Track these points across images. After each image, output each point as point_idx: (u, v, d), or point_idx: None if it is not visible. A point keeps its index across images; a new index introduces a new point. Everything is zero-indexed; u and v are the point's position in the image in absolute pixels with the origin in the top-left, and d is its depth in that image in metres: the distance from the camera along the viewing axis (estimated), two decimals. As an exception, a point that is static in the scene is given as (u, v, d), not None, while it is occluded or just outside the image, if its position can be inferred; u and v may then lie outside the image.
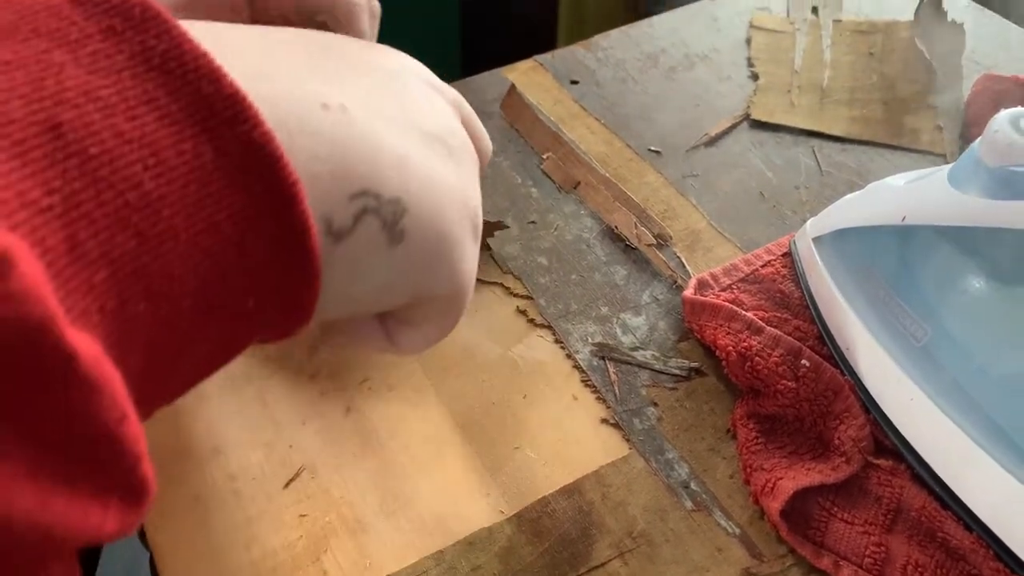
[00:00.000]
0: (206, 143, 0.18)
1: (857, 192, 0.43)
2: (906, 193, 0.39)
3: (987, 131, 0.35)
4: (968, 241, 0.36)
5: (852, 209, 0.42)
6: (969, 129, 0.55)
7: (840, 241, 0.42)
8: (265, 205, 0.19)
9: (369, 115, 0.23)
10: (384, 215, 0.23)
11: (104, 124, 0.16)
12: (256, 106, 0.18)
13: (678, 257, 0.49)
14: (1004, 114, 0.35)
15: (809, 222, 0.45)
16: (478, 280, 0.47)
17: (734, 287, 0.46)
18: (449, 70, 1.68)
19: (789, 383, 0.39)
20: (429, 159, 0.25)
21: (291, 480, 0.38)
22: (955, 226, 0.36)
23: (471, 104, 0.31)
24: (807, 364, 0.40)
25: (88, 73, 0.17)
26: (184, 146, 0.17)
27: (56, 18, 0.17)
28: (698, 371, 0.43)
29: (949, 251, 0.37)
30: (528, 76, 0.60)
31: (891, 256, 0.39)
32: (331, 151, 0.21)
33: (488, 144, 0.31)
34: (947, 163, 0.52)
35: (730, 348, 0.40)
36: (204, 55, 0.18)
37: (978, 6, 0.66)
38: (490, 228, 0.49)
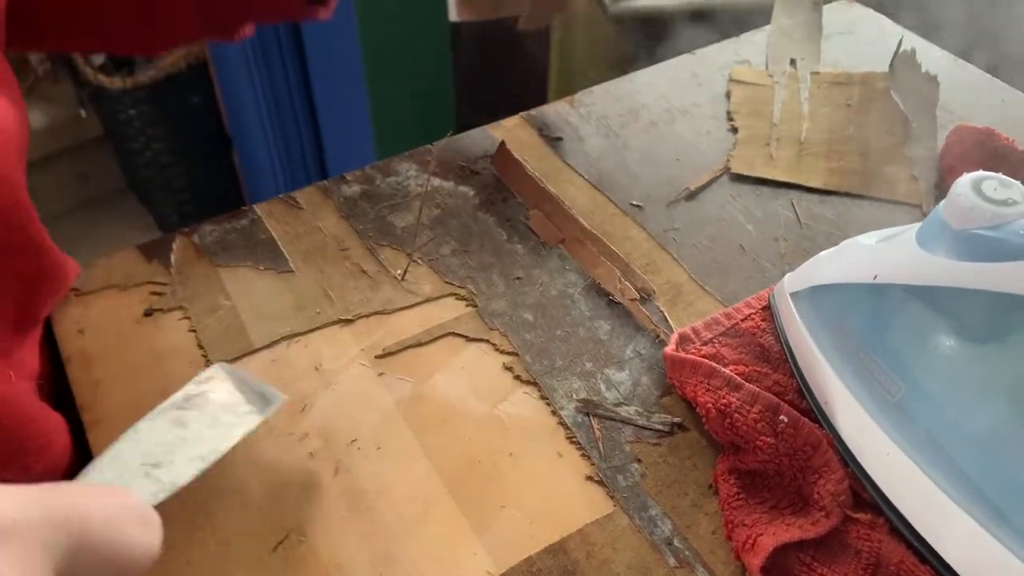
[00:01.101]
0: None
1: (831, 249, 0.45)
2: (877, 252, 0.40)
3: (950, 194, 0.36)
4: (937, 300, 0.37)
5: (827, 266, 0.44)
6: (944, 179, 0.56)
7: (816, 297, 0.43)
8: None
9: None
10: None
11: None
12: None
13: (661, 311, 0.50)
14: (966, 177, 0.36)
15: (786, 277, 0.46)
16: (466, 337, 0.48)
17: (715, 341, 0.47)
18: (443, 124, 1.71)
19: (768, 439, 0.40)
20: None
21: (280, 543, 0.39)
22: (924, 285, 0.37)
23: (460, 161, 0.32)
24: (785, 420, 0.41)
25: None
26: None
27: None
28: (681, 426, 0.44)
29: (919, 309, 0.38)
30: (514, 133, 0.62)
31: (864, 313, 0.41)
32: None
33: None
34: (923, 212, 0.54)
35: (710, 405, 0.41)
36: None
37: (951, 56, 0.68)
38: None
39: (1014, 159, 0.54)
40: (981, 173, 0.36)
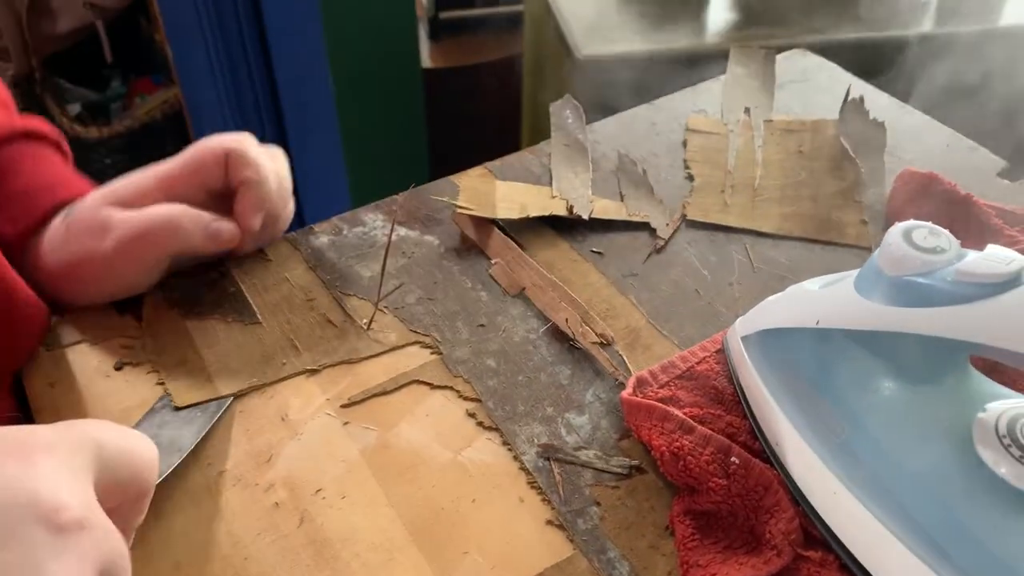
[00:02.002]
0: None
1: (779, 294, 0.46)
2: (819, 298, 0.42)
3: (883, 242, 0.38)
4: (875, 344, 0.39)
5: (774, 311, 0.45)
6: (892, 223, 0.58)
7: (765, 341, 0.45)
8: None
9: None
10: None
11: None
12: None
13: (620, 355, 0.51)
14: (898, 227, 0.38)
15: (738, 321, 0.48)
16: (430, 385, 0.49)
17: (671, 384, 0.48)
18: (417, 166, 1.73)
19: (720, 480, 0.41)
20: None
21: (246, 594, 0.40)
22: (862, 330, 0.39)
23: (425, 211, 0.34)
24: (736, 461, 0.42)
25: None
26: None
27: None
28: (639, 468, 0.45)
29: (859, 352, 0.40)
30: (477, 182, 0.63)
31: (810, 356, 0.42)
32: None
33: (150, 474, 0.33)
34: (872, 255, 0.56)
35: (664, 448, 0.43)
36: None
37: (898, 103, 0.70)
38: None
39: (956, 203, 0.56)
40: (912, 223, 0.38)
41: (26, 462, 0.28)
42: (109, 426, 0.32)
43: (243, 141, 0.53)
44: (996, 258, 0.35)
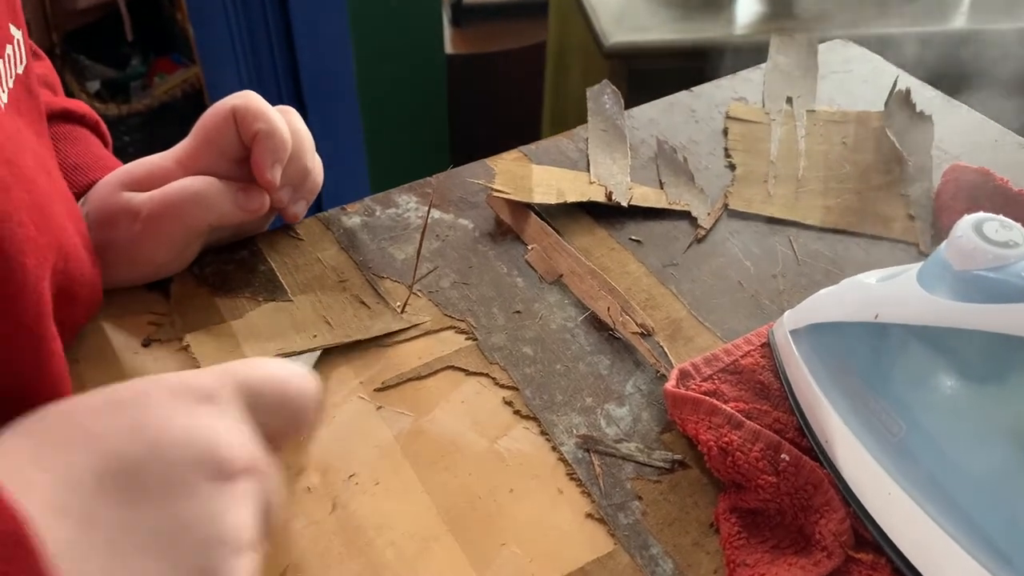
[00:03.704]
0: None
1: (832, 287, 0.45)
2: (878, 291, 0.41)
3: (952, 235, 0.37)
4: (938, 340, 0.38)
5: (827, 304, 0.44)
6: (939, 218, 0.57)
7: (816, 335, 0.43)
8: None
9: None
10: None
11: None
12: None
13: (660, 346, 0.50)
14: (968, 219, 0.37)
15: (786, 314, 0.47)
16: (465, 371, 0.48)
17: (715, 377, 0.47)
18: (439, 157, 1.72)
19: (770, 477, 0.40)
20: None
21: (278, 580, 0.38)
22: (925, 325, 0.37)
23: (459, 193, 0.34)
24: (787, 458, 0.40)
25: None
26: None
27: None
28: (682, 463, 0.44)
29: (920, 349, 0.38)
30: (513, 165, 0.62)
31: (865, 352, 0.41)
32: None
33: (303, 403, 0.33)
34: (919, 252, 0.54)
35: (711, 443, 0.41)
36: None
37: (945, 97, 0.69)
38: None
39: (1009, 199, 0.55)
40: (982, 215, 0.37)
41: (191, 415, 0.29)
42: (266, 366, 0.32)
43: (248, 96, 0.50)
44: (1074, 254, 0.33)
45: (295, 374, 0.33)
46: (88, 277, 0.46)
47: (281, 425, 0.32)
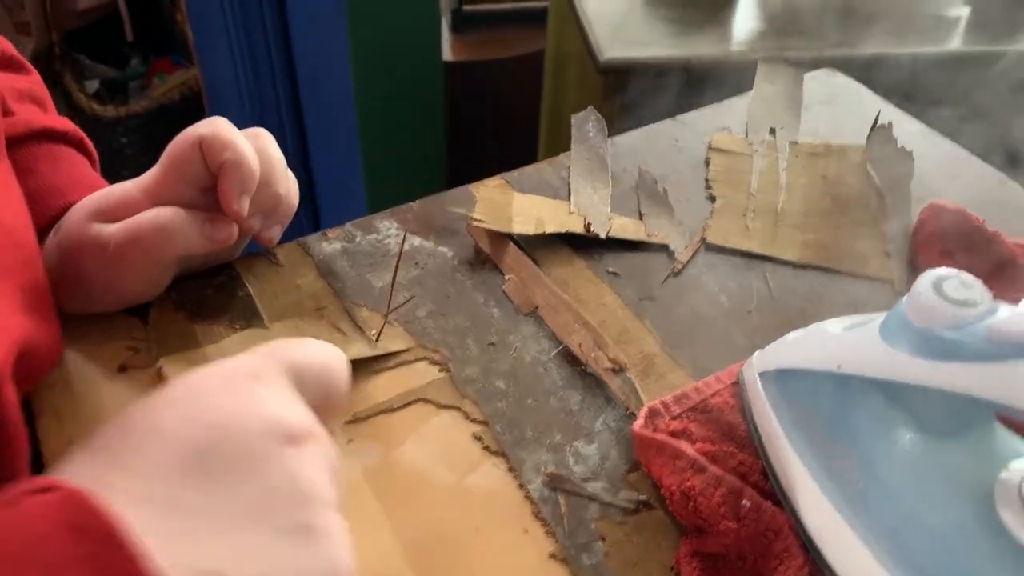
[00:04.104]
0: None
1: (800, 331, 0.45)
2: (842, 341, 0.41)
3: (913, 291, 0.37)
4: (899, 394, 0.38)
5: (794, 349, 0.44)
6: (916, 257, 0.57)
7: (783, 380, 0.44)
8: None
9: (242, 570, 0.27)
10: None
11: None
12: None
13: (632, 382, 0.50)
14: (929, 275, 0.37)
15: (755, 355, 0.47)
16: (437, 404, 0.48)
17: (684, 416, 0.47)
18: (435, 164, 1.72)
19: (731, 523, 0.40)
20: (298, 561, 0.28)
21: (240, 617, 0.39)
22: (886, 379, 0.38)
23: (440, 221, 0.34)
24: (748, 504, 0.41)
25: None
26: None
27: (50, 549, 0.23)
28: (647, 504, 0.44)
29: (881, 401, 0.39)
30: (495, 193, 0.62)
31: (829, 401, 0.41)
32: None
33: (341, 378, 0.35)
34: (894, 290, 0.55)
35: (674, 487, 0.42)
36: None
37: (928, 129, 0.69)
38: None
39: (984, 240, 0.55)
40: (944, 271, 0.37)
41: (245, 393, 0.30)
42: (305, 346, 0.34)
43: (216, 124, 0.49)
44: (1030, 316, 0.34)
45: (332, 353, 0.35)
46: (46, 342, 0.46)
47: (321, 402, 0.33)
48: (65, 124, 0.56)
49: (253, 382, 0.31)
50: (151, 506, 0.26)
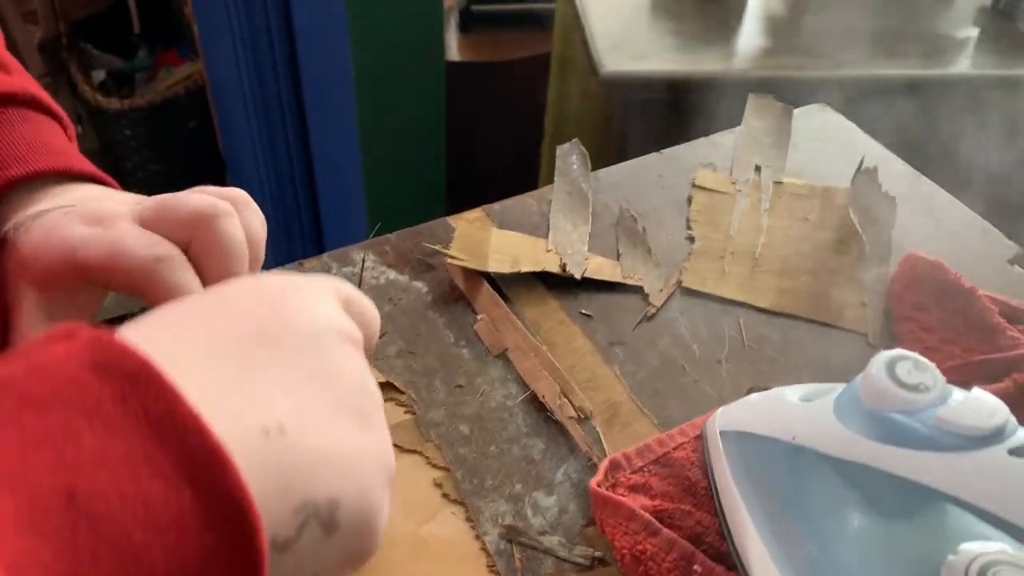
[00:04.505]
0: (188, 491, 0.21)
1: (761, 394, 0.45)
2: (797, 412, 0.41)
3: (866, 371, 0.37)
4: (849, 472, 0.38)
5: (754, 414, 0.44)
6: (891, 308, 0.57)
7: (742, 443, 0.44)
8: (230, 542, 0.22)
9: (303, 426, 0.26)
10: (322, 517, 0.26)
11: (111, 487, 0.20)
12: (230, 456, 0.22)
13: (597, 431, 0.50)
14: (882, 356, 0.37)
15: (719, 413, 0.47)
16: (400, 448, 0.49)
17: (645, 469, 0.47)
18: (434, 165, 1.71)
19: (680, 589, 0.40)
20: (354, 438, 0.27)
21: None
22: (837, 456, 0.38)
23: (417, 254, 0.34)
24: (699, 570, 0.41)
25: (100, 438, 0.21)
26: (170, 495, 0.21)
27: (77, 389, 0.21)
28: (601, 560, 0.44)
29: (832, 477, 0.39)
30: (473, 226, 0.62)
31: (783, 470, 0.41)
32: (276, 476, 0.24)
33: (376, 327, 0.34)
34: (867, 343, 0.54)
35: (625, 551, 0.42)
36: (192, 415, 0.22)
37: (915, 172, 0.68)
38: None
39: (958, 296, 0.54)
40: (898, 352, 0.37)
41: (307, 292, 0.30)
42: (349, 285, 0.34)
43: (217, 215, 0.39)
44: (979, 407, 0.33)
45: (372, 304, 0.35)
46: None
47: (359, 324, 0.33)
48: (30, 89, 0.47)
49: (304, 290, 0.31)
50: (224, 359, 0.26)
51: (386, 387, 0.52)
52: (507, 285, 0.58)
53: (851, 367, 0.52)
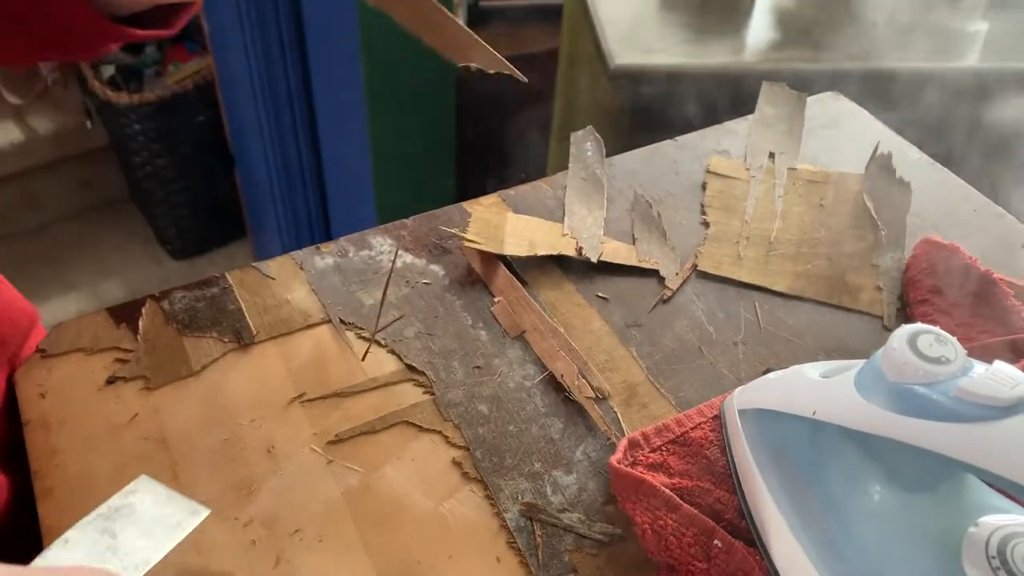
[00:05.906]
0: None
1: (780, 373, 0.45)
2: (818, 388, 0.41)
3: (887, 345, 0.37)
4: (871, 445, 0.38)
5: (773, 390, 0.44)
6: (906, 292, 0.57)
7: (761, 420, 0.44)
8: None
9: None
10: None
11: None
12: None
13: (615, 411, 0.50)
14: (904, 330, 0.37)
15: (736, 392, 0.47)
16: (419, 427, 0.49)
17: (663, 449, 0.47)
18: (445, 158, 1.71)
19: (701, 564, 0.41)
20: None
21: (212, 639, 0.39)
22: (858, 430, 0.38)
23: (433, 238, 0.34)
24: (719, 544, 0.41)
25: None
26: None
27: None
28: (621, 537, 0.44)
29: (854, 451, 0.39)
30: (490, 211, 0.62)
31: (803, 446, 0.41)
32: None
33: None
34: (883, 326, 0.54)
35: (646, 526, 0.42)
36: None
37: (929, 159, 0.68)
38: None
39: (974, 279, 0.55)
40: (919, 326, 0.37)
41: None
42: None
43: None
44: (1001, 379, 0.34)
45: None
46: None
47: None
48: None
49: None
50: None
51: (406, 368, 0.52)
52: (523, 269, 0.58)
53: (867, 349, 0.52)
